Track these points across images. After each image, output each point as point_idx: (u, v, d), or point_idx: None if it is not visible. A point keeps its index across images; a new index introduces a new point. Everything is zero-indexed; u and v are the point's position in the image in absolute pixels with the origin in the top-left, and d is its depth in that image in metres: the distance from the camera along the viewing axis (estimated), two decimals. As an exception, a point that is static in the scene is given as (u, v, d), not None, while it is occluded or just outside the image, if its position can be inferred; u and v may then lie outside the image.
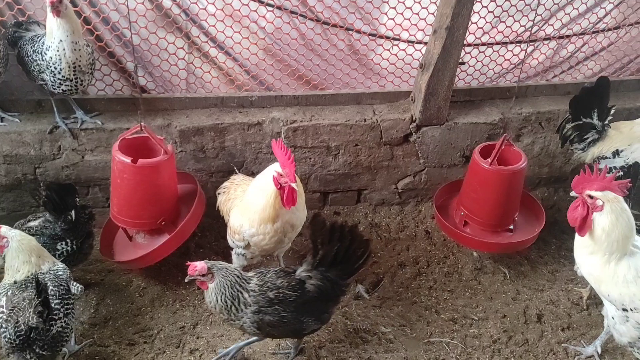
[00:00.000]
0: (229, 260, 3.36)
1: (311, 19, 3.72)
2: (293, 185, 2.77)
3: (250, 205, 2.94)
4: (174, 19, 3.58)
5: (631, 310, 2.64)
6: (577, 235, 2.80)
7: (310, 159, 3.91)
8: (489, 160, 3.45)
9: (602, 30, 4.17)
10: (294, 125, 3.76)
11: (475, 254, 3.80)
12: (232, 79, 3.86)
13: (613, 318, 2.77)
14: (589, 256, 2.73)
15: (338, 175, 4.02)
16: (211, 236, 3.79)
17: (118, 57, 3.67)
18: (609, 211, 2.62)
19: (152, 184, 3.22)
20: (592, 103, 3.67)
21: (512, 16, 3.88)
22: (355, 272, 2.78)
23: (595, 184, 2.68)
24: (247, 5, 3.59)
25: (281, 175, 2.79)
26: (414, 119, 3.88)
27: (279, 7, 3.64)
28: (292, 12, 3.67)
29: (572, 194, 2.77)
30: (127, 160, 3.12)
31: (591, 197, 2.67)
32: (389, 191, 4.19)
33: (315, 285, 2.67)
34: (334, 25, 3.77)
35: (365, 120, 3.85)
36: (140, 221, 3.33)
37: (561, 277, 3.65)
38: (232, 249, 3.22)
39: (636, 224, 3.23)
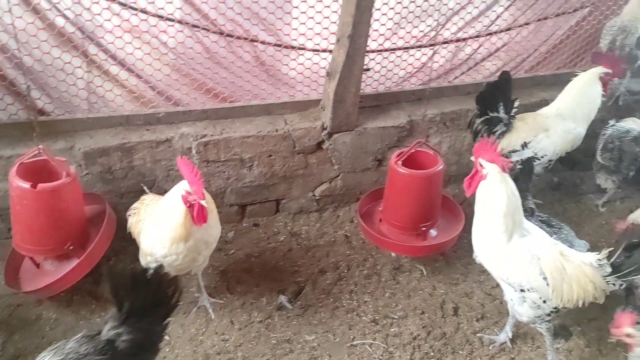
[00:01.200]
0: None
1: (214, 32, 3.70)
2: (202, 202, 2.73)
3: (160, 226, 2.87)
4: (69, 37, 3.45)
5: (528, 290, 2.80)
6: (474, 223, 2.97)
7: (224, 172, 3.88)
8: (413, 165, 3.59)
9: (495, 32, 4.42)
10: (205, 139, 3.72)
11: (393, 254, 3.90)
12: (136, 96, 3.76)
13: (512, 300, 2.93)
14: (483, 239, 2.90)
15: (254, 186, 4.01)
16: (126, 259, 3.65)
17: (10, 79, 3.48)
18: (489, 181, 2.80)
19: (55, 209, 3.08)
20: (497, 97, 3.87)
21: (411, 22, 4.04)
22: (171, 312, 2.49)
23: (488, 154, 2.85)
24: (147, 20, 3.51)
25: (190, 193, 2.74)
26: (324, 126, 3.94)
27: (180, 22, 3.59)
28: (194, 26, 3.64)
29: (472, 158, 2.94)
30: (26, 185, 2.97)
31: (481, 165, 2.84)
32: (307, 199, 4.23)
33: (127, 341, 2.32)
34: (238, 38, 3.77)
35: (277, 131, 3.87)
36: (46, 248, 3.18)
37: (474, 269, 3.80)
38: (146, 271, 3.12)
39: (539, 216, 3.47)
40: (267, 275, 3.70)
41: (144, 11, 3.50)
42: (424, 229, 3.68)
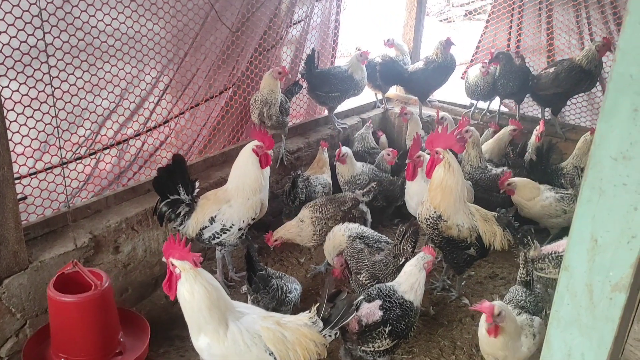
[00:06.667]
0: None
1: None
2: None
3: None
4: None
5: None
6: (188, 325, 2.84)
7: None
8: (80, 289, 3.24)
9: (155, 127, 4.43)
10: None
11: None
12: None
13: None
14: (202, 337, 2.79)
15: None
16: None
17: None
18: (184, 280, 2.76)
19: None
20: (175, 180, 3.86)
21: (61, 136, 3.73)
22: None
23: (177, 252, 2.79)
24: None
25: None
26: (-12, 275, 3.29)
27: None
28: None
29: (163, 259, 2.83)
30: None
31: (173, 264, 2.77)
32: (-8, 366, 3.45)
33: None
34: None
35: None
36: None
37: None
38: None
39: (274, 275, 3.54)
40: None
41: None
42: (120, 346, 3.40)
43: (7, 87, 3.40)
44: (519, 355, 3.10)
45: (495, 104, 6.21)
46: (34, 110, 3.56)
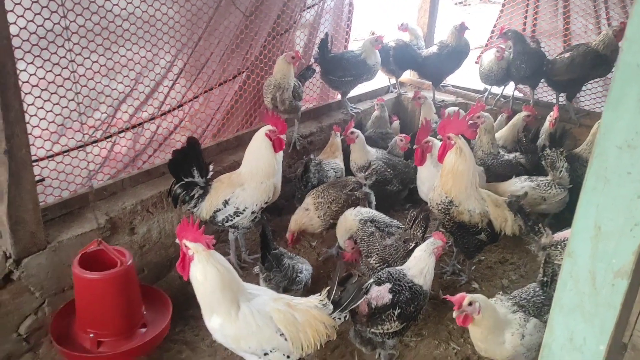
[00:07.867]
0: None
1: None
2: None
3: None
4: None
5: (271, 351, 2.85)
6: (200, 305, 2.90)
7: None
8: (103, 267, 3.30)
9: (169, 111, 4.47)
10: None
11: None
12: None
13: (259, 370, 2.94)
14: (214, 318, 2.85)
15: None
16: None
17: None
18: (197, 261, 2.82)
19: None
20: (189, 162, 3.93)
21: (78, 120, 3.79)
22: None
23: (190, 234, 2.84)
24: None
25: None
26: (8, 255, 3.38)
27: None
28: None
29: (177, 241, 2.90)
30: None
31: (186, 246, 2.84)
32: (12, 342, 3.55)
33: None
34: None
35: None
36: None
37: (220, 346, 3.68)
38: None
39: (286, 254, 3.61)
40: None
41: None
42: (143, 321, 3.50)
43: (25, 70, 3.46)
44: (500, 350, 3.07)
45: (510, 89, 6.17)
46: (51, 93, 3.63)
